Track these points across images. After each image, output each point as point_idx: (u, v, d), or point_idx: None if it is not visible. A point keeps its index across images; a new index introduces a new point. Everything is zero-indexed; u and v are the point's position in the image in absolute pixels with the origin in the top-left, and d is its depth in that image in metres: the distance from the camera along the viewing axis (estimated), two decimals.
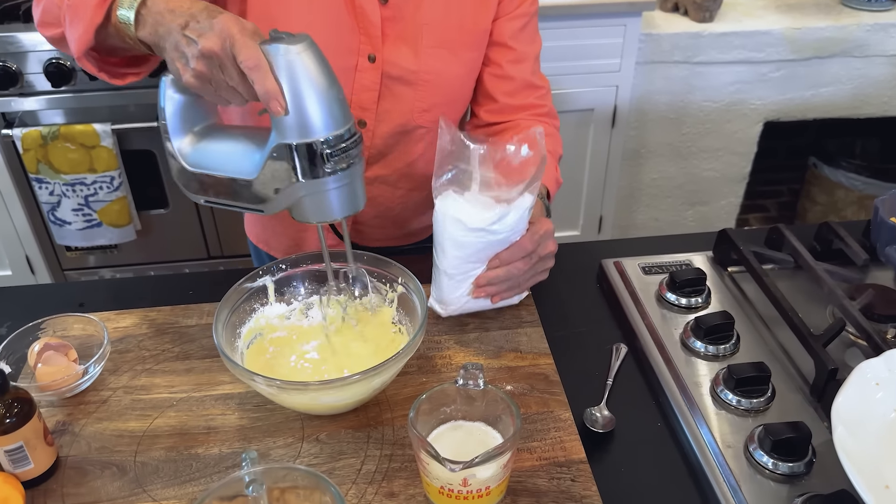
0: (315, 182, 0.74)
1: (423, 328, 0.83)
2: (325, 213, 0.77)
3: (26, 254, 2.34)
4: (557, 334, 0.98)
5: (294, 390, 0.80)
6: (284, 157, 0.73)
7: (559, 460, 0.80)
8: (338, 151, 0.73)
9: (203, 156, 0.80)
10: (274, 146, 0.72)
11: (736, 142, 2.61)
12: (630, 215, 2.72)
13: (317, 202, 0.76)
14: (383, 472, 0.79)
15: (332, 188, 0.75)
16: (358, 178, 0.78)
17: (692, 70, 2.42)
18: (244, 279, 0.90)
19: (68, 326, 0.95)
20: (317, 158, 0.72)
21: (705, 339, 0.92)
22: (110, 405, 0.88)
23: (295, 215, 0.78)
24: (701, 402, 0.86)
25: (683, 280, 1.00)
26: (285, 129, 0.72)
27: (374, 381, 0.80)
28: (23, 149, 2.05)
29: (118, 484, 0.79)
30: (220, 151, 0.80)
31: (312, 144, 0.72)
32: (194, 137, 0.81)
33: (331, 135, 0.72)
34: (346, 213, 0.78)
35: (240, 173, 0.77)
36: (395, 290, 0.93)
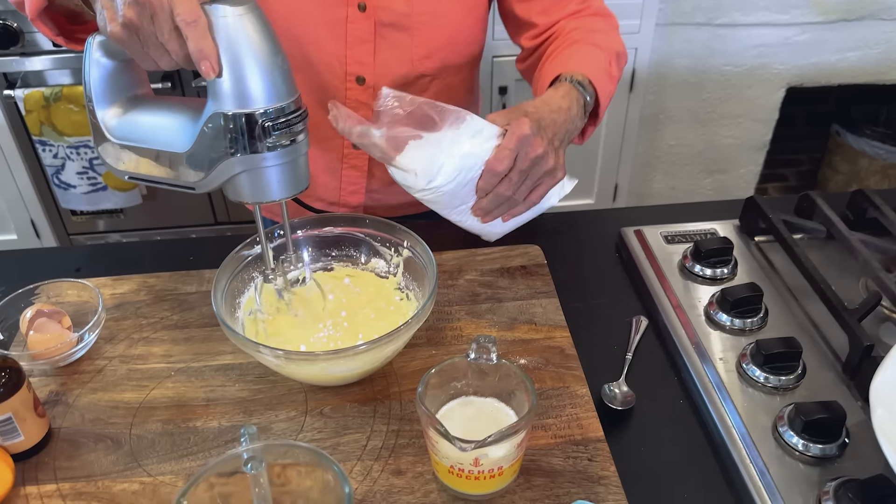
0: (253, 157, 0.68)
1: (433, 294, 0.78)
2: (263, 193, 0.71)
3: (31, 218, 2.31)
4: (574, 306, 0.93)
5: (302, 361, 0.75)
6: (220, 127, 0.67)
7: (575, 438, 0.76)
8: (280, 125, 0.67)
9: (130, 128, 0.74)
10: (210, 115, 0.67)
11: (757, 108, 2.53)
12: (646, 183, 2.65)
13: (254, 180, 0.70)
14: (390, 449, 0.75)
15: (271, 165, 0.69)
16: (301, 157, 0.72)
17: (714, 33, 2.34)
18: (241, 246, 0.85)
19: (63, 292, 0.91)
20: (256, 131, 0.66)
21: (731, 312, 0.87)
22: (105, 375, 0.85)
23: (230, 194, 0.72)
24: (726, 379, 0.81)
25: (709, 250, 0.94)
26: (223, 98, 0.66)
27: (384, 349, 0.76)
28: (25, 110, 2.01)
29: (112, 457, 0.75)
30: (149, 123, 0.73)
31: (252, 115, 0.66)
32: (121, 107, 0.75)
33: (272, 106, 0.67)
34: (285, 195, 0.72)
35: (170, 146, 0.71)
36: (400, 254, 0.89)
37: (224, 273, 0.82)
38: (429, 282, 0.82)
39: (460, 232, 0.93)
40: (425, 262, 0.84)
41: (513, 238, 0.96)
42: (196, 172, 0.71)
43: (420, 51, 1.00)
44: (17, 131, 2.12)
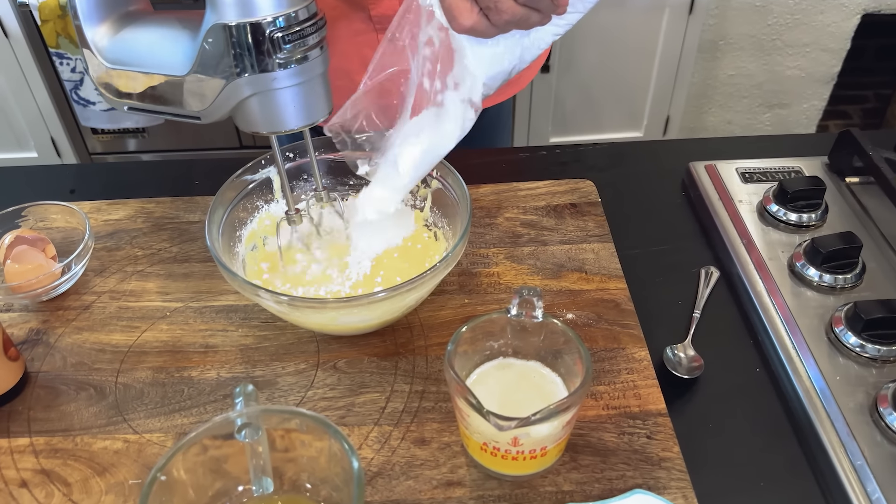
0: (262, 77, 0.56)
1: (466, 234, 0.66)
2: (277, 120, 0.60)
3: (51, 135, 2.22)
4: (632, 252, 0.80)
5: (308, 308, 0.64)
6: (222, 42, 0.55)
7: (632, 411, 0.64)
8: (291, 36, 0.55)
9: (124, 49, 0.62)
10: (209, 28, 0.55)
11: (827, 36, 2.32)
12: (700, 116, 2.47)
13: (266, 105, 0.59)
14: (412, 413, 0.64)
15: (284, 86, 0.58)
16: (319, 77, 0.60)
17: None
18: (243, 170, 0.73)
19: (50, 216, 0.80)
20: (264, 44, 0.55)
21: (822, 267, 0.73)
22: (93, 312, 0.75)
23: (241, 123, 0.61)
24: (815, 346, 0.68)
25: (797, 191, 0.80)
26: (222, 5, 0.54)
27: (406, 298, 0.64)
28: (41, 20, 1.88)
29: (94, 409, 0.66)
30: (144, 43, 0.62)
31: (258, 24, 0.54)
32: (113, 26, 0.63)
33: (281, 13, 0.55)
34: (303, 122, 0.61)
35: (168, 68, 0.60)
36: (428, 185, 0.76)
37: (221, 202, 0.70)
38: (461, 220, 0.69)
39: (500, 163, 0.79)
40: (457, 196, 0.72)
41: (561, 171, 0.83)
42: (199, 98, 0.60)
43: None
44: (34, 43, 2.01)
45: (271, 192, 0.76)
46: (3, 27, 1.97)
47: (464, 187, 0.71)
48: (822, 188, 0.81)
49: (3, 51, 2.02)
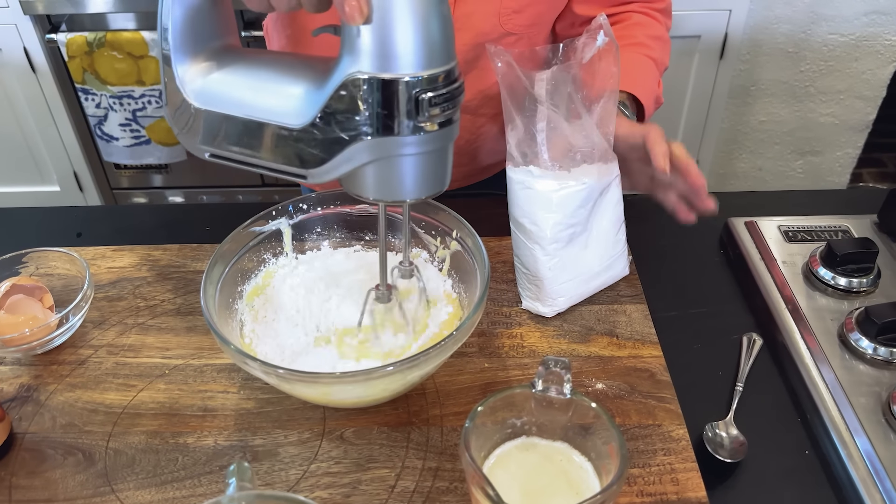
0: (391, 141, 0.49)
1: (482, 303, 0.60)
2: (395, 189, 0.52)
3: (74, 170, 2.22)
4: (667, 315, 0.74)
5: (300, 382, 0.58)
6: (357, 96, 0.48)
7: (669, 499, 0.57)
8: (436, 99, 0.48)
9: (221, 89, 0.54)
10: (345, 79, 0.48)
11: (862, 83, 2.26)
12: (730, 163, 2.41)
13: (386, 171, 0.51)
14: (424, 493, 0.59)
15: (412, 153, 0.50)
16: (450, 145, 0.53)
17: None
18: (252, 220, 0.68)
19: (50, 263, 0.77)
20: (406, 104, 0.47)
21: (878, 339, 0.67)
22: (88, 368, 0.70)
23: (349, 187, 0.53)
24: (870, 426, 0.61)
25: (847, 253, 0.74)
26: (366, 55, 0.47)
27: (410, 374, 0.58)
28: (68, 56, 1.90)
29: (81, 477, 0.61)
30: (248, 85, 0.54)
31: (404, 82, 0.47)
32: (208, 60, 0.55)
33: (427, 73, 0.47)
34: (425, 193, 0.53)
35: (280, 117, 0.51)
36: (447, 245, 0.71)
37: (223, 257, 0.65)
38: (479, 283, 0.64)
39: None
40: (475, 261, 0.66)
41: None
42: (312, 155, 0.51)
43: (511, 4, 0.80)
44: (60, 78, 2.02)
45: (280, 245, 0.72)
46: (31, 62, 1.98)
47: (482, 248, 0.65)
48: (874, 251, 0.75)
49: (31, 85, 2.03)
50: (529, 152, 0.69)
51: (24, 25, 1.93)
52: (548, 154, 0.68)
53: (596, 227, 0.72)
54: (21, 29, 1.94)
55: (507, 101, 0.68)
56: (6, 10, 1.91)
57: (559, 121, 0.67)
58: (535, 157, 0.68)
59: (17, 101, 2.07)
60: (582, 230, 0.70)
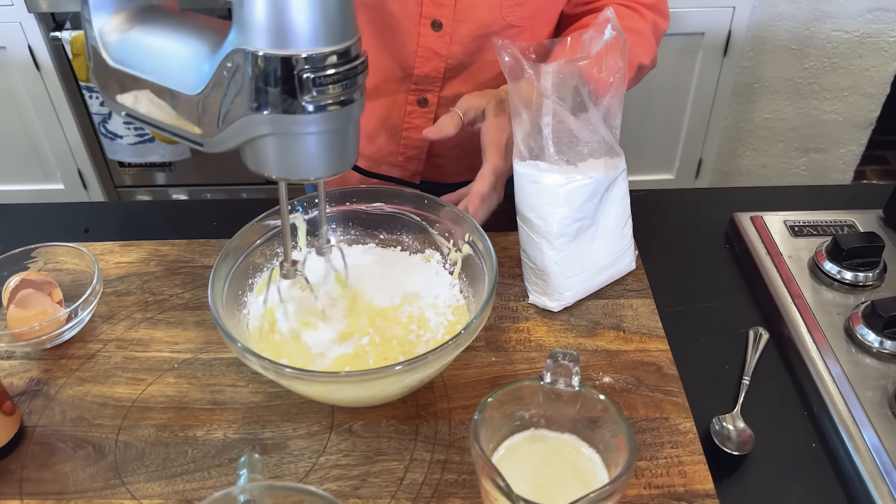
0: (285, 119, 0.48)
1: (489, 303, 0.60)
2: (294, 167, 0.51)
3: (78, 168, 2.22)
4: (673, 310, 0.75)
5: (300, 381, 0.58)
6: (243, 71, 0.47)
7: (676, 491, 0.58)
8: (329, 78, 0.47)
9: (133, 49, 0.53)
10: (230, 52, 0.47)
11: (866, 80, 2.26)
12: (734, 160, 2.41)
13: (284, 148, 0.50)
14: (433, 486, 0.59)
15: (310, 132, 0.50)
16: (352, 124, 0.52)
17: None
18: (264, 215, 0.69)
19: (59, 258, 0.77)
20: (294, 82, 0.46)
21: (884, 332, 0.67)
22: (97, 362, 0.70)
23: (249, 161, 0.53)
24: (877, 420, 0.62)
25: (853, 248, 0.74)
26: (251, 29, 0.46)
27: (415, 374, 0.58)
28: (72, 53, 1.90)
29: (92, 470, 0.61)
30: (157, 46, 0.53)
31: (288, 59, 0.46)
32: (126, 19, 0.54)
33: (322, 50, 0.46)
34: (326, 172, 0.53)
35: (178, 83, 0.51)
36: (459, 249, 0.71)
37: (234, 252, 0.66)
38: (487, 285, 0.64)
39: None
40: (485, 264, 0.66)
41: None
42: (206, 124, 0.51)
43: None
44: (64, 76, 2.02)
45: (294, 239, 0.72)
46: (36, 61, 1.99)
47: (491, 251, 0.65)
48: (880, 245, 0.75)
49: (35, 84, 2.03)
50: (535, 146, 0.69)
51: (28, 23, 1.93)
52: (554, 148, 0.68)
53: (603, 222, 0.72)
54: (25, 27, 1.94)
55: (513, 94, 0.68)
56: (10, 8, 1.91)
57: (565, 115, 0.67)
58: (541, 152, 0.69)
59: (22, 100, 2.08)
60: (589, 224, 0.71)
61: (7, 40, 1.96)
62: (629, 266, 0.77)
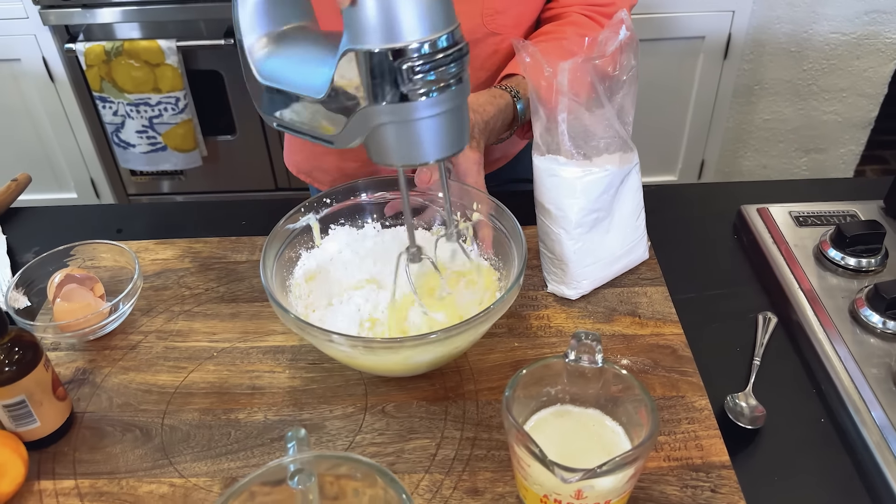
0: (397, 107, 0.52)
1: (520, 277, 0.64)
2: (414, 153, 0.55)
3: (91, 176, 2.26)
4: (685, 297, 0.78)
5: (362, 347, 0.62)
6: (356, 69, 0.52)
7: (694, 463, 0.61)
8: (434, 64, 0.51)
9: (276, 65, 0.60)
10: (343, 52, 0.52)
11: (864, 81, 2.29)
12: (735, 161, 2.44)
13: (401, 135, 0.54)
14: (464, 461, 0.62)
15: (423, 116, 0.53)
16: (463, 105, 0.55)
17: None
18: (285, 219, 0.72)
19: (98, 255, 0.81)
20: (399, 73, 0.50)
21: (887, 313, 0.71)
22: (139, 352, 0.74)
23: (372, 154, 0.57)
24: (883, 396, 0.65)
25: (855, 235, 0.77)
26: (360, 29, 0.50)
27: (455, 341, 0.63)
28: (86, 65, 1.94)
29: (140, 451, 0.65)
30: (294, 60, 0.59)
31: (398, 51, 0.50)
32: (273, 40, 0.60)
33: (425, 39, 0.50)
34: (443, 154, 0.56)
35: (308, 90, 0.57)
36: (469, 218, 0.76)
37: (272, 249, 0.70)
38: (517, 258, 0.68)
39: None
40: (510, 235, 0.71)
41: None
42: (333, 123, 0.56)
43: (493, 4, 0.85)
44: (78, 87, 2.06)
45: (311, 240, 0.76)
46: (50, 72, 2.03)
47: (518, 228, 0.69)
48: (881, 232, 0.78)
49: (49, 95, 2.07)
50: (552, 141, 0.73)
51: (42, 36, 1.97)
52: (570, 143, 0.72)
53: (617, 213, 0.76)
54: (40, 39, 1.98)
55: (532, 93, 0.72)
56: (25, 20, 1.95)
57: (580, 111, 0.71)
58: (558, 147, 0.72)
59: (36, 110, 2.12)
60: (605, 215, 0.74)
61: (22, 52, 2.00)
62: (643, 256, 0.80)
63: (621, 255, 0.78)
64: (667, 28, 2.01)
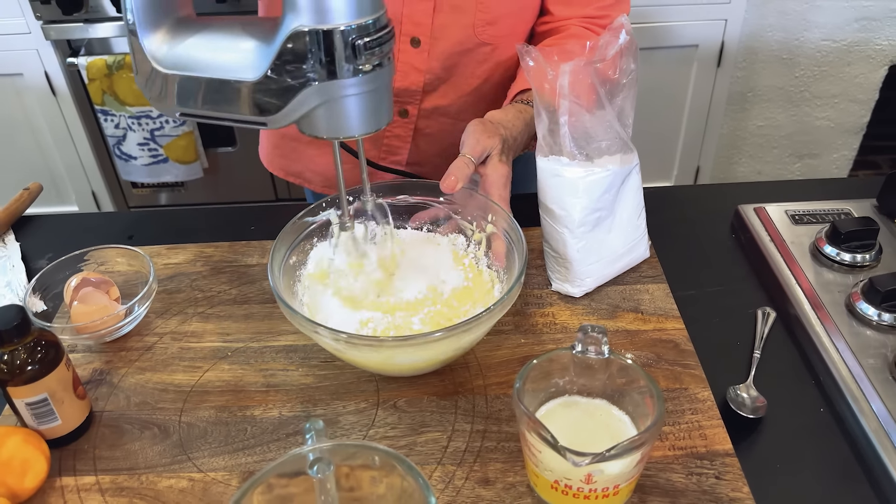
0: (333, 85, 0.57)
1: (522, 275, 0.67)
2: (341, 127, 0.61)
3: (92, 189, 2.28)
4: (686, 294, 0.80)
5: (366, 346, 0.65)
6: (301, 48, 0.56)
7: (698, 451, 0.63)
8: (370, 44, 0.56)
9: (183, 54, 0.62)
10: (289, 33, 0.56)
11: (855, 87, 2.33)
12: (730, 167, 2.47)
13: (332, 111, 0.59)
14: (475, 453, 0.64)
15: (351, 94, 0.59)
16: (385, 86, 0.61)
17: (811, 4, 2.15)
18: (305, 212, 0.75)
19: (112, 260, 0.83)
20: (344, 50, 0.56)
21: (882, 306, 0.73)
22: (155, 353, 0.76)
23: (304, 127, 0.61)
24: (880, 385, 0.67)
25: (850, 231, 0.80)
26: (303, 10, 0.55)
27: (461, 339, 0.65)
28: (88, 78, 1.96)
29: (159, 448, 0.66)
30: (207, 48, 0.62)
31: (339, 31, 0.55)
32: (171, 29, 0.63)
33: (360, 21, 0.56)
34: (367, 129, 0.62)
35: (237, 73, 0.60)
36: (483, 229, 0.77)
37: (283, 243, 0.72)
38: (518, 260, 0.70)
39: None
40: (512, 240, 0.73)
41: None
42: (269, 104, 0.60)
43: (484, 16, 0.88)
44: (79, 100, 2.08)
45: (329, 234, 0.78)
46: (52, 86, 2.05)
47: (518, 228, 0.72)
48: (875, 228, 0.81)
49: (51, 109, 2.09)
50: (555, 143, 0.75)
51: (45, 51, 1.99)
52: (572, 144, 0.74)
53: (619, 212, 0.78)
54: (42, 54, 2.00)
55: (535, 96, 0.74)
56: (28, 36, 1.97)
57: (581, 112, 0.74)
58: (560, 148, 0.75)
59: (38, 124, 2.13)
60: (607, 214, 0.77)
61: (24, 67, 2.02)
62: (644, 254, 0.82)
63: (623, 253, 0.80)
64: (661, 37, 2.04)
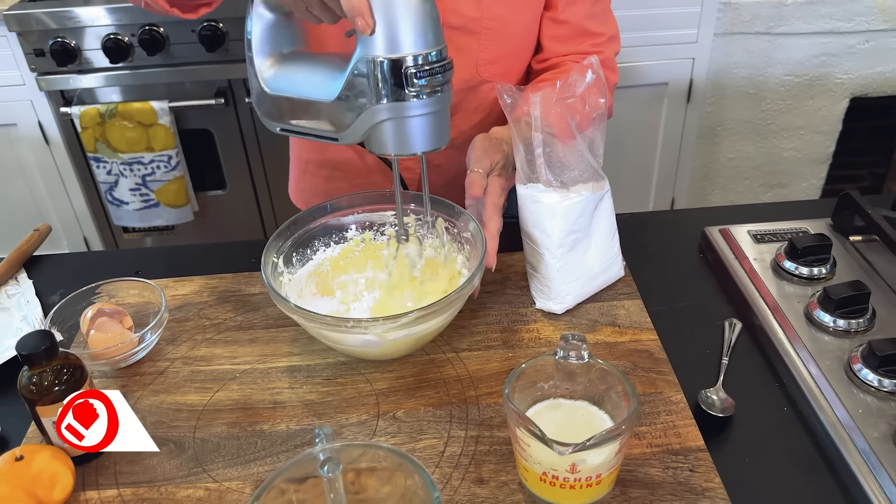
0: (398, 105, 0.68)
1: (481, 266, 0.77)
2: (406, 144, 0.71)
3: (84, 234, 2.32)
4: (659, 309, 0.87)
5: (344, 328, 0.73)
6: (367, 74, 0.67)
7: (673, 447, 0.69)
8: (425, 73, 0.67)
9: (284, 79, 0.77)
10: (357, 61, 0.68)
11: (819, 119, 2.44)
12: (704, 197, 2.57)
13: (397, 129, 0.70)
14: (470, 456, 0.70)
15: (415, 114, 0.69)
16: (444, 110, 0.71)
17: (774, 42, 2.26)
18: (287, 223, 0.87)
19: (124, 292, 0.88)
20: (402, 77, 0.66)
21: (836, 313, 0.80)
22: (167, 377, 0.81)
23: (372, 146, 0.72)
24: (836, 384, 0.74)
25: (806, 247, 0.87)
26: (371, 43, 0.66)
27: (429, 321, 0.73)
28: (81, 127, 2.02)
29: (176, 462, 0.71)
30: (301, 74, 0.76)
31: (398, 61, 0.66)
32: (277, 60, 0.78)
33: (419, 53, 0.66)
34: (429, 147, 0.72)
35: (319, 95, 0.73)
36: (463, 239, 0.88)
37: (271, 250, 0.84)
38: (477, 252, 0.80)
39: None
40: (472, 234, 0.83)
41: None
42: (341, 121, 0.72)
43: (486, 56, 0.96)
44: (72, 148, 2.13)
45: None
46: (45, 135, 2.10)
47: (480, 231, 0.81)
48: (828, 244, 0.88)
49: (44, 157, 2.14)
50: (532, 172, 0.82)
51: (38, 101, 2.05)
52: (549, 173, 0.81)
53: (594, 234, 0.85)
54: (36, 104, 2.06)
55: (512, 129, 0.81)
56: (22, 87, 2.04)
57: (554, 143, 0.81)
58: (537, 176, 0.82)
59: (31, 172, 2.18)
60: (583, 237, 0.83)
61: (18, 118, 2.08)
62: (619, 273, 0.89)
63: (599, 272, 0.86)
64: (633, 76, 2.15)
